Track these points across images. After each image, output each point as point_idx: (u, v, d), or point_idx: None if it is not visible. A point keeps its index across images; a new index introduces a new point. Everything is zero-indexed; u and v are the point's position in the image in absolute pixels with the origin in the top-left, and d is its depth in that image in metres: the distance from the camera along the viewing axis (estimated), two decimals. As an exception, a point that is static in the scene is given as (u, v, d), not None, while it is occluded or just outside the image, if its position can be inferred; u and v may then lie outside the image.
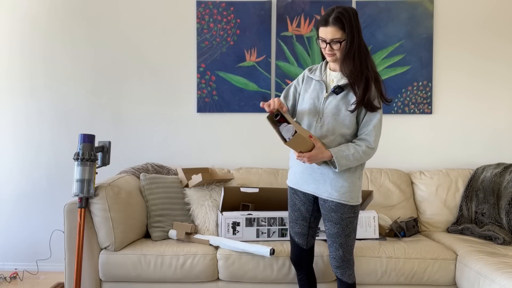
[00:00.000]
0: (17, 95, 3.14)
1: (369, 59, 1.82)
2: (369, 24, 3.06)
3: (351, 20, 1.76)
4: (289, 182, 2.02)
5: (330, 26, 1.76)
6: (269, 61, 3.08)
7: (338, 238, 1.88)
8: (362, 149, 1.81)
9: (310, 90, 1.93)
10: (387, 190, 2.86)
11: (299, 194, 1.97)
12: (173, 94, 3.14)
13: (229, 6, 3.07)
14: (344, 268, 1.92)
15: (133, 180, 2.61)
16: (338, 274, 1.94)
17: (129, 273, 2.26)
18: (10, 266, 3.14)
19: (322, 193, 1.87)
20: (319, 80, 1.91)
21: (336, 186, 1.84)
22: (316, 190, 1.89)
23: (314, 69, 1.97)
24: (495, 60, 3.08)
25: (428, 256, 2.27)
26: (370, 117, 1.83)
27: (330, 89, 1.87)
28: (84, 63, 3.14)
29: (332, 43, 1.78)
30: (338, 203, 1.85)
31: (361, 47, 1.80)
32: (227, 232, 2.38)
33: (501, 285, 1.87)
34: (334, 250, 1.90)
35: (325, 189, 1.86)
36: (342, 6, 1.79)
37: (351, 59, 1.78)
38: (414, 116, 3.11)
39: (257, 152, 3.12)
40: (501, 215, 2.65)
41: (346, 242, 1.89)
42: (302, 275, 2.10)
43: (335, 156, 1.78)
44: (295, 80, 2.03)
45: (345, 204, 1.85)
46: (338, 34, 1.76)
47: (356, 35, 1.77)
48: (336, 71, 1.90)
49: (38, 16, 3.12)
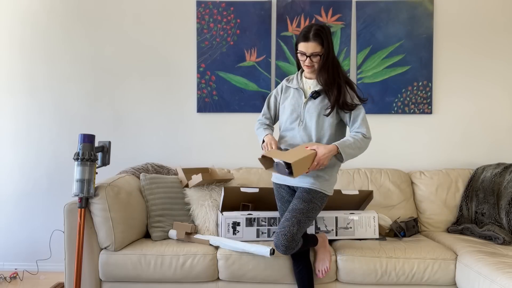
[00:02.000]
0: (17, 95, 3.14)
1: (339, 68, 2.07)
2: (369, 24, 3.06)
3: (327, 36, 2.01)
4: (274, 179, 2.22)
5: (311, 41, 1.98)
6: (269, 61, 3.08)
7: (299, 214, 1.98)
8: (359, 137, 2.03)
9: (289, 97, 2.15)
10: (387, 190, 2.86)
11: (284, 187, 2.18)
12: (173, 94, 3.14)
13: (229, 6, 3.07)
14: (292, 248, 1.96)
15: (133, 180, 2.61)
16: (283, 252, 1.96)
17: (129, 273, 2.27)
18: (10, 266, 3.14)
19: (304, 184, 2.06)
20: (297, 88, 2.14)
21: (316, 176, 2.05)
22: (299, 183, 2.08)
23: (291, 79, 2.20)
24: (495, 60, 3.08)
25: (428, 256, 2.27)
26: (356, 114, 2.06)
27: (308, 94, 2.11)
28: (84, 63, 3.14)
29: (312, 56, 2.01)
30: (312, 189, 2.04)
31: (334, 59, 2.05)
32: (227, 232, 2.38)
33: (501, 285, 1.87)
34: (289, 224, 1.95)
35: (306, 181, 2.06)
36: (318, 24, 2.04)
37: (325, 70, 2.02)
38: (414, 116, 3.11)
39: (257, 152, 3.11)
40: (501, 215, 2.66)
41: (304, 223, 1.99)
42: (301, 267, 2.15)
43: (339, 146, 1.97)
44: (275, 90, 2.25)
45: (319, 191, 2.04)
46: (317, 49, 2.00)
47: (331, 49, 2.03)
48: (312, 78, 2.13)
49: (38, 16, 3.12)
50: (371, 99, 3.07)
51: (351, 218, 2.46)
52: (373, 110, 3.08)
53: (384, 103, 3.08)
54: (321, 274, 2.19)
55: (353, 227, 2.46)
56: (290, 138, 2.12)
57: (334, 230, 2.45)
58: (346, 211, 2.48)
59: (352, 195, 2.53)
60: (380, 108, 3.08)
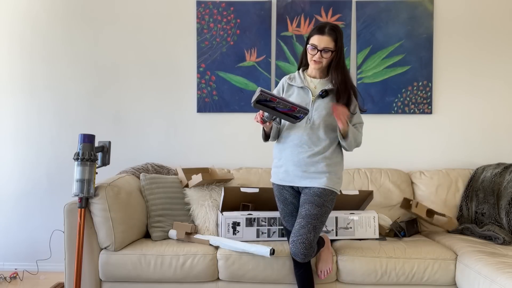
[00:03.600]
0: (17, 95, 3.14)
1: (349, 74, 2.07)
2: (369, 24, 3.06)
3: (341, 35, 2.00)
4: (275, 180, 2.15)
5: (325, 35, 1.96)
6: (269, 61, 3.08)
7: (314, 220, 1.95)
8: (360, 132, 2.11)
9: (293, 96, 2.10)
10: (387, 190, 2.86)
11: (287, 188, 2.11)
12: (173, 94, 3.14)
13: (229, 6, 3.07)
14: (309, 256, 1.94)
15: (133, 180, 2.61)
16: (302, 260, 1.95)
17: (129, 273, 2.26)
18: (10, 266, 3.14)
19: (315, 184, 2.02)
20: (302, 86, 2.09)
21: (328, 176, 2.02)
22: (310, 184, 2.03)
23: (293, 77, 2.16)
24: (495, 60, 3.08)
25: (428, 256, 2.27)
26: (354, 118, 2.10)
27: (316, 93, 2.06)
28: (84, 63, 3.14)
29: (323, 52, 1.98)
30: (325, 189, 2.00)
31: (344, 61, 2.04)
32: (227, 232, 2.38)
33: (501, 285, 1.87)
34: (306, 231, 1.92)
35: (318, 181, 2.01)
36: (333, 23, 2.02)
37: (340, 70, 2.01)
38: (414, 116, 3.11)
39: (257, 152, 3.12)
40: (501, 215, 2.65)
41: (319, 229, 1.97)
42: (302, 270, 2.13)
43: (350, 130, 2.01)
44: (275, 89, 2.21)
45: (332, 191, 2.02)
46: (330, 44, 1.97)
47: (343, 51, 2.02)
48: (316, 77, 2.11)
49: (38, 16, 3.12)
50: (371, 99, 3.07)
51: (351, 218, 2.46)
52: (373, 110, 3.08)
53: (384, 103, 3.08)
54: (323, 275, 2.19)
55: (353, 227, 2.46)
56: (296, 137, 2.05)
57: (334, 230, 2.45)
58: (346, 211, 2.48)
59: (352, 195, 2.53)
60: (380, 108, 3.08)
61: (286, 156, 2.07)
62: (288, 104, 1.88)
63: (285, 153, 2.08)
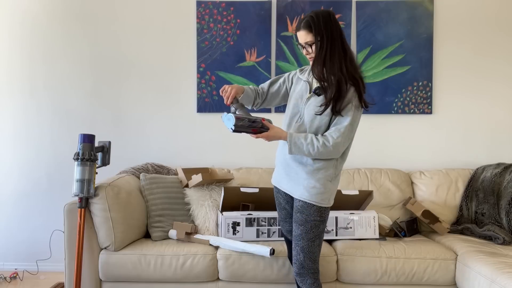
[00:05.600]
0: (17, 95, 3.14)
1: (345, 62, 1.78)
2: (369, 24, 3.06)
3: (319, 23, 1.76)
4: (272, 180, 2.04)
5: (301, 30, 1.80)
6: (269, 61, 3.08)
7: (300, 241, 1.82)
8: (319, 144, 1.76)
9: (297, 90, 1.93)
10: (387, 190, 2.86)
11: (281, 192, 1.99)
12: (173, 94, 3.14)
13: (229, 6, 3.07)
14: (304, 275, 1.84)
15: (133, 180, 2.61)
16: (298, 281, 1.87)
17: (129, 273, 2.26)
18: (10, 266, 3.14)
19: (295, 193, 1.86)
20: (305, 81, 1.92)
21: (307, 186, 1.82)
22: (291, 189, 1.88)
23: (305, 70, 1.98)
24: (495, 60, 3.08)
25: (428, 256, 2.27)
26: (340, 120, 1.79)
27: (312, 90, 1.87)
28: (84, 63, 3.14)
29: (307, 46, 1.82)
30: (305, 203, 1.81)
31: (334, 49, 1.77)
32: (227, 232, 2.38)
33: (501, 285, 1.87)
34: (295, 253, 1.85)
35: (297, 189, 1.85)
36: (314, 11, 1.81)
37: (320, 62, 1.78)
38: (414, 116, 3.11)
39: (257, 152, 3.12)
40: (501, 215, 2.66)
41: (309, 247, 1.82)
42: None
43: (289, 139, 1.78)
44: (288, 73, 2.03)
45: (313, 204, 1.80)
46: (308, 37, 1.79)
47: (326, 38, 1.76)
48: None
49: (38, 16, 3.12)
50: (371, 99, 3.07)
51: (351, 218, 2.46)
52: (373, 110, 3.07)
53: (384, 103, 3.08)
54: None
55: (353, 227, 2.46)
56: None
57: (334, 230, 2.45)
58: (346, 211, 2.48)
59: (352, 195, 2.53)
60: (380, 108, 3.08)
61: (277, 155, 1.99)
62: (257, 122, 1.80)
63: (277, 152, 2.01)
